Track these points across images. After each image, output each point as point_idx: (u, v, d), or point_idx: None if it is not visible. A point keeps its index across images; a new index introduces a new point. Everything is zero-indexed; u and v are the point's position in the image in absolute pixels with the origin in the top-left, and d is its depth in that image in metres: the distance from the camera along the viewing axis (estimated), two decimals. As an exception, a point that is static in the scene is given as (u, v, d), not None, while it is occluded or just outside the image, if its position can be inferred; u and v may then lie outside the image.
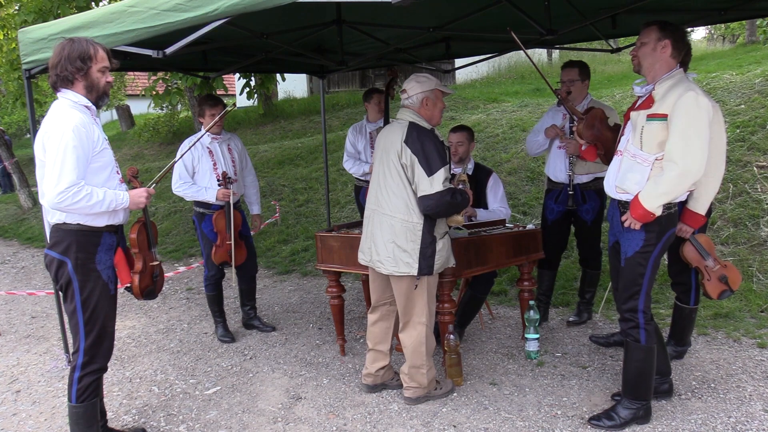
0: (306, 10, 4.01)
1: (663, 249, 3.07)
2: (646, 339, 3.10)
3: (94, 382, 3.03)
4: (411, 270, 3.29)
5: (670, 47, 2.97)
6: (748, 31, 15.24)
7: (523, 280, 4.30)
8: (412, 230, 3.28)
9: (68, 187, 2.75)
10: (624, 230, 3.09)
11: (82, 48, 2.87)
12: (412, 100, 3.36)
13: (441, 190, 3.18)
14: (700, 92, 2.89)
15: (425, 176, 3.20)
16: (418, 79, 3.39)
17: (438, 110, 3.41)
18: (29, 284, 7.09)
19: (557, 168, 4.42)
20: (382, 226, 3.36)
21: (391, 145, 3.35)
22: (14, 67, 8.05)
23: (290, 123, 13.34)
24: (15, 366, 4.55)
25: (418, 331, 3.44)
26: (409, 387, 3.56)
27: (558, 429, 3.23)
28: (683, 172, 2.85)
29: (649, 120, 2.96)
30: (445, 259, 3.40)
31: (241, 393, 3.88)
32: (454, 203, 3.26)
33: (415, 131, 3.29)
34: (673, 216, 3.07)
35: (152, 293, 3.31)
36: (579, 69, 4.32)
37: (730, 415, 3.26)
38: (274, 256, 7.22)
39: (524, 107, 9.60)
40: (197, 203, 4.64)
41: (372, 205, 3.46)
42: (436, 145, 3.26)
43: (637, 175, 3.01)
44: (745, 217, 5.51)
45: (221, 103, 4.55)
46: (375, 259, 3.42)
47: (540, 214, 6.46)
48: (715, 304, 4.71)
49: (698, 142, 2.84)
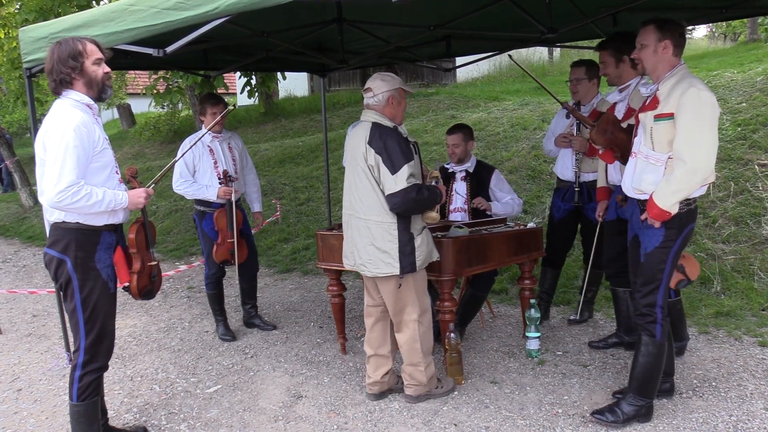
0: (307, 8, 4.01)
1: (683, 244, 3.08)
2: (661, 334, 3.11)
3: (95, 381, 3.03)
4: (393, 270, 3.29)
5: (671, 46, 2.98)
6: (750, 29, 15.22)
7: (524, 278, 4.30)
8: (388, 230, 3.29)
9: (68, 187, 2.75)
10: (644, 226, 3.10)
11: (70, 47, 2.87)
12: (377, 99, 3.35)
13: (405, 186, 3.18)
14: (702, 87, 2.89)
15: (389, 174, 3.21)
16: (383, 77, 3.39)
17: (401, 109, 3.42)
18: (30, 283, 7.09)
19: (565, 166, 4.42)
20: (360, 230, 3.38)
21: (356, 148, 3.37)
22: (15, 65, 8.06)
23: (291, 122, 13.34)
24: (16, 364, 4.56)
25: (411, 329, 3.44)
26: (410, 385, 3.55)
27: (559, 427, 3.23)
28: (692, 168, 2.85)
29: (657, 120, 2.97)
30: (426, 254, 3.39)
31: (242, 391, 3.88)
32: (421, 199, 3.24)
33: (377, 131, 3.30)
34: (693, 211, 3.07)
35: (150, 293, 3.30)
36: (586, 68, 4.28)
37: (731, 413, 3.25)
38: (275, 255, 7.22)
39: (525, 105, 9.59)
40: (198, 202, 4.64)
41: (348, 210, 3.48)
42: (399, 143, 3.26)
43: (652, 176, 3.02)
44: (747, 216, 5.51)
45: (223, 101, 4.56)
46: (358, 263, 3.43)
47: (541, 213, 6.49)
48: (716, 303, 4.71)
49: (704, 137, 2.85)
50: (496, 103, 10.62)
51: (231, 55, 5.45)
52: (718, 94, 7.35)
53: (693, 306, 4.74)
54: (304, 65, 6.53)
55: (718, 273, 5.03)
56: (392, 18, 4.46)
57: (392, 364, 3.66)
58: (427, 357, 3.51)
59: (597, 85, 4.32)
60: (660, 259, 3.06)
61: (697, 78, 2.97)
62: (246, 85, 8.23)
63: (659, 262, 3.06)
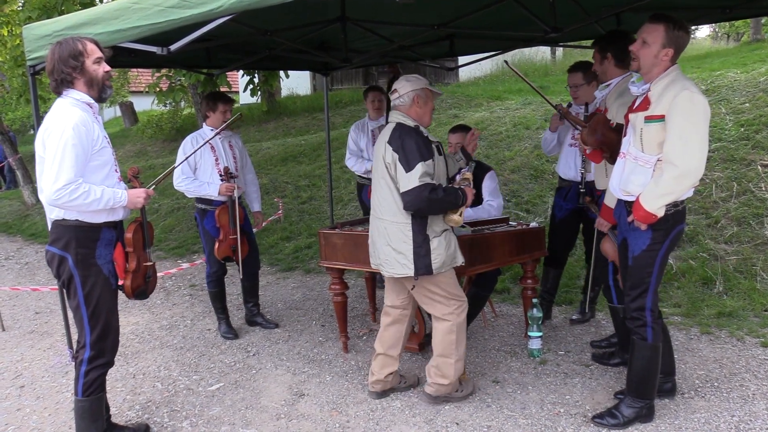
0: (310, 7, 4.00)
1: (670, 246, 3.05)
2: (653, 337, 3.08)
3: (100, 377, 3.06)
4: (407, 271, 3.26)
5: (673, 54, 2.93)
6: (753, 29, 15.19)
7: (527, 278, 4.30)
8: (403, 230, 3.26)
9: (66, 185, 2.77)
10: (631, 228, 3.07)
11: (70, 47, 2.88)
12: (403, 99, 3.34)
13: (418, 185, 3.13)
14: (695, 90, 2.85)
15: (404, 172, 3.17)
16: (408, 78, 3.38)
17: (428, 109, 3.39)
18: (33, 280, 7.11)
19: (568, 165, 4.40)
20: (379, 230, 3.38)
21: (379, 148, 3.38)
22: (18, 63, 8.08)
23: (293, 120, 13.35)
24: (19, 361, 4.57)
25: (444, 325, 3.41)
26: (433, 383, 3.49)
27: (561, 427, 3.23)
28: (683, 173, 2.82)
29: (647, 122, 2.93)
30: (447, 257, 3.31)
31: (244, 389, 3.89)
32: (436, 199, 3.17)
33: (398, 131, 3.29)
34: (681, 212, 3.03)
35: (143, 294, 3.28)
36: (582, 72, 4.25)
37: (734, 414, 3.25)
38: (277, 254, 7.23)
39: (527, 105, 9.58)
40: (199, 200, 4.65)
41: (372, 210, 3.49)
42: (417, 141, 3.22)
43: (641, 177, 2.99)
44: (749, 216, 5.50)
45: (232, 101, 4.70)
46: (377, 262, 3.45)
47: (543, 212, 6.48)
48: (718, 303, 4.70)
49: (696, 141, 2.81)
50: (499, 102, 10.62)
51: (234, 54, 5.45)
52: (720, 95, 7.35)
53: (695, 306, 4.74)
54: (307, 64, 6.53)
55: (721, 273, 5.03)
56: (395, 17, 4.47)
57: (398, 366, 3.66)
58: (459, 351, 3.44)
59: (596, 86, 4.27)
60: (647, 263, 3.03)
61: (690, 80, 2.94)
62: (249, 83, 8.23)
63: (646, 265, 3.03)
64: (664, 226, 2.98)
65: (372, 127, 5.43)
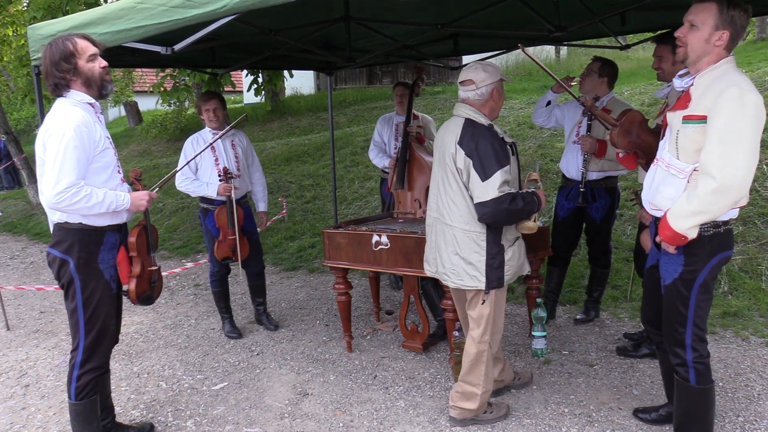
0: (314, 6, 4.01)
1: (712, 275, 2.53)
2: (696, 379, 2.61)
3: (93, 380, 2.98)
4: (478, 284, 2.99)
5: (728, 39, 2.40)
6: (758, 27, 15.12)
7: (531, 277, 4.28)
8: (476, 240, 2.98)
9: (67, 188, 2.70)
10: (662, 252, 2.60)
11: (60, 48, 2.80)
12: (480, 92, 2.99)
13: (497, 196, 2.83)
14: (747, 87, 2.32)
15: (480, 181, 2.86)
16: (485, 68, 3.01)
17: (502, 103, 3.08)
18: (38, 279, 7.13)
19: (570, 164, 4.38)
20: (446, 237, 3.08)
21: (446, 147, 3.04)
22: (23, 63, 8.10)
23: (297, 120, 13.35)
24: (24, 360, 4.58)
25: (479, 349, 3.11)
26: (456, 406, 3.24)
27: (565, 427, 3.22)
28: (721, 187, 2.30)
29: (685, 123, 2.44)
30: (517, 268, 3.09)
31: (248, 389, 3.90)
32: (515, 210, 2.88)
33: (470, 130, 2.96)
34: (724, 237, 2.49)
35: (149, 299, 3.23)
36: (601, 63, 4.20)
37: (739, 414, 3.24)
38: (281, 253, 7.24)
39: (532, 104, 9.56)
40: (202, 199, 4.66)
41: (433, 213, 3.18)
42: (494, 144, 2.89)
43: (672, 189, 2.50)
44: (754, 215, 5.48)
45: (215, 96, 4.64)
46: (441, 271, 3.17)
47: (548, 211, 6.47)
48: (723, 303, 4.69)
49: (741, 149, 2.29)
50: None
51: (238, 53, 5.45)
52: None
53: (700, 306, 4.72)
54: (312, 63, 6.53)
55: (726, 273, 5.01)
56: (399, 16, 4.46)
57: (503, 362, 3.49)
58: (488, 383, 3.18)
59: (607, 84, 4.23)
60: (681, 295, 2.55)
61: (743, 75, 2.40)
62: (253, 83, 8.23)
63: (681, 295, 2.55)
64: (699, 251, 2.48)
65: (397, 122, 5.49)
